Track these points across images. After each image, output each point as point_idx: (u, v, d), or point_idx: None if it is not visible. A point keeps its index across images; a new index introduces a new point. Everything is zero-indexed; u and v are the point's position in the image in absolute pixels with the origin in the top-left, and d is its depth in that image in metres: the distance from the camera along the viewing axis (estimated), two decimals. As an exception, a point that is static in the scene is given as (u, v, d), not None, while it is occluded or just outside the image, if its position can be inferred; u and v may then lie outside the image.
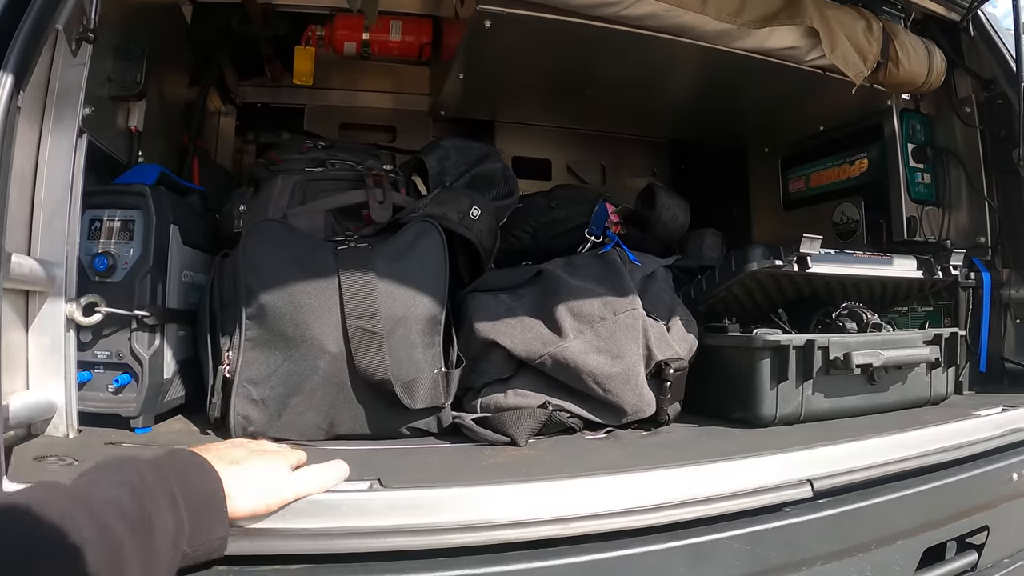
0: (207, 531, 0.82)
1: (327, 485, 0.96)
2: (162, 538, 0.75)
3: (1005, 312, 2.22)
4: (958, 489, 1.42)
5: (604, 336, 1.46)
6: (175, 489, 0.80)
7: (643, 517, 1.04)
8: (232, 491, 0.86)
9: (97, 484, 0.76)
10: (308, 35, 2.39)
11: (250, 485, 0.90)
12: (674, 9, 1.73)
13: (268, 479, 0.93)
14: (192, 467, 0.86)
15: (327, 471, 0.99)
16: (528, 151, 2.95)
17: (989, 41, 2.26)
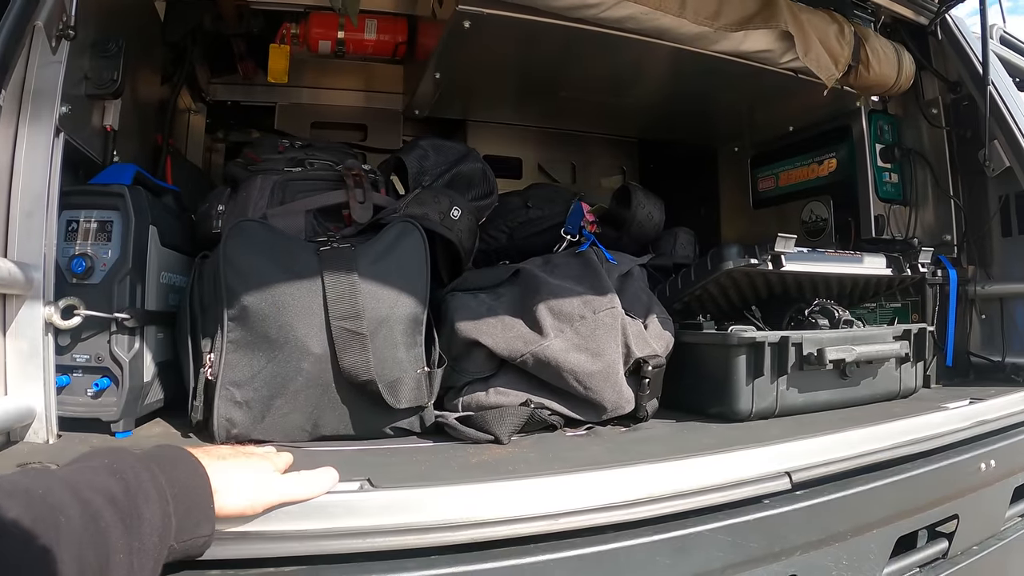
0: (194, 527, 0.81)
1: (315, 492, 0.95)
2: (150, 529, 0.74)
3: (971, 308, 2.29)
4: (928, 480, 1.45)
5: (584, 334, 1.48)
6: (163, 482, 0.79)
7: (627, 512, 1.06)
8: (219, 487, 0.86)
9: (87, 472, 0.75)
10: (283, 33, 2.38)
11: (238, 483, 0.89)
12: (653, 12, 1.75)
13: (256, 479, 0.92)
14: (180, 462, 0.85)
15: (315, 477, 0.97)
16: (500, 150, 2.96)
17: (956, 45, 2.32)
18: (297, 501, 0.93)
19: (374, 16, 2.34)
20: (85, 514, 0.69)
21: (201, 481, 0.85)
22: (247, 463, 0.97)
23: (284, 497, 0.92)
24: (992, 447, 1.62)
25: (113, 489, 0.74)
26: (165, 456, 0.85)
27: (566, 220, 2.03)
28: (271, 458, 1.03)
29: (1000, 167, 2.17)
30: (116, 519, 0.71)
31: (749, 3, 1.89)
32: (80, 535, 0.67)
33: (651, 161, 3.32)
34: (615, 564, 1.01)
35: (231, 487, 0.88)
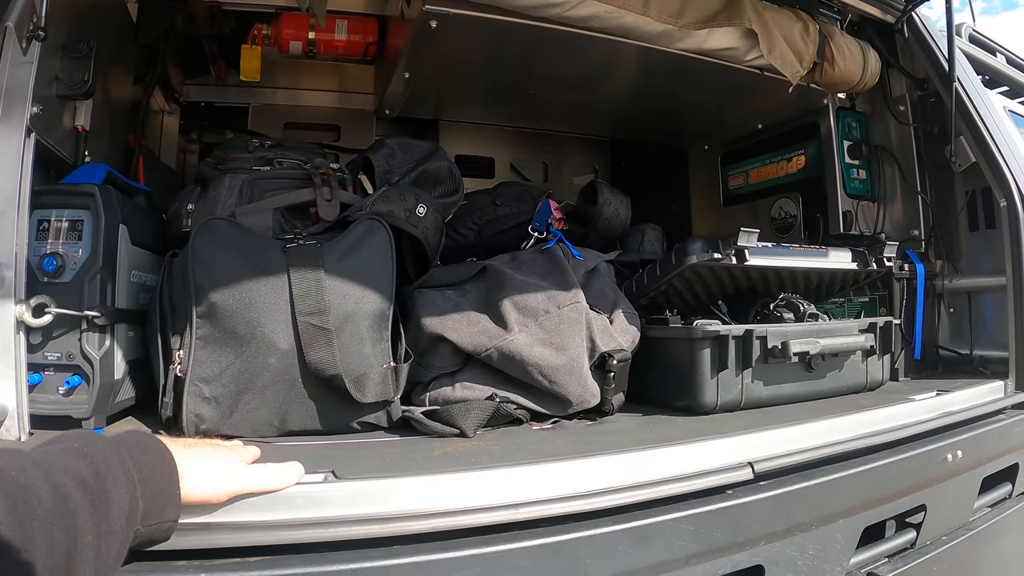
0: (160, 511, 0.82)
1: (280, 484, 0.96)
2: (117, 512, 0.75)
3: (939, 301, 2.31)
4: (894, 470, 1.47)
5: (548, 329, 1.50)
6: (131, 466, 0.80)
7: (589, 501, 1.07)
8: (186, 474, 0.87)
9: (59, 455, 0.76)
10: (254, 34, 2.39)
11: (204, 471, 0.91)
12: (616, 11, 1.77)
13: (222, 468, 0.94)
14: (149, 448, 0.86)
15: (281, 470, 0.98)
16: (472, 149, 2.97)
17: (923, 42, 2.34)
18: (262, 492, 0.95)
19: (344, 16, 2.36)
20: (56, 496, 0.69)
21: (168, 468, 0.85)
22: (214, 453, 0.98)
23: (249, 487, 0.94)
24: (958, 438, 1.65)
25: (83, 472, 0.74)
26: (134, 442, 0.85)
27: (534, 217, 2.05)
28: (238, 450, 1.04)
29: (966, 163, 2.20)
30: (85, 501, 0.72)
31: (712, 1, 1.91)
32: (51, 515, 0.68)
33: (623, 159, 3.35)
34: (576, 553, 1.03)
35: (197, 474, 0.89)
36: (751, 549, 1.20)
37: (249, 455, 1.04)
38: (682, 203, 3.15)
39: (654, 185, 3.17)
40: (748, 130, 2.78)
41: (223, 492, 0.91)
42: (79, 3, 1.51)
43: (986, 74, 2.88)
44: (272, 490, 0.96)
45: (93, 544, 0.71)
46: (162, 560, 0.87)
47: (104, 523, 0.73)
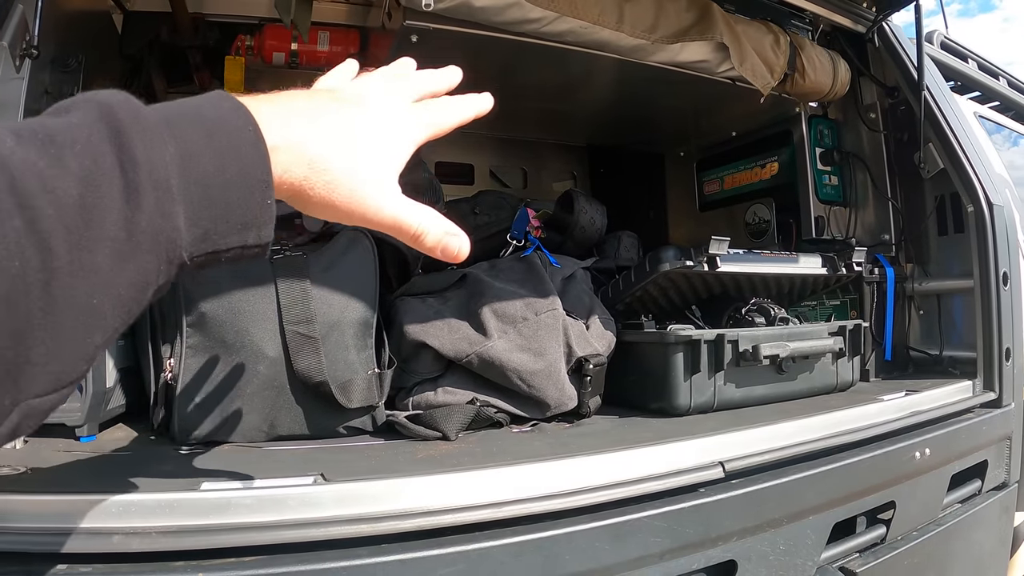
0: (224, 232, 0.54)
1: (434, 232, 0.72)
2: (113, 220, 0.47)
3: (909, 304, 2.36)
4: (863, 468, 1.52)
5: (527, 335, 1.54)
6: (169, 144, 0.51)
7: (566, 500, 1.11)
8: (275, 143, 0.58)
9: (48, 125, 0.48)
10: (237, 45, 2.41)
11: (330, 134, 0.65)
12: (591, 26, 1.81)
13: (364, 151, 0.67)
14: (209, 113, 0.55)
15: (439, 222, 0.73)
16: (452, 156, 3.00)
17: (893, 51, 2.38)
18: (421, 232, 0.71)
19: (326, 28, 2.38)
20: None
21: (238, 142, 0.55)
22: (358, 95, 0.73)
23: (407, 220, 0.70)
24: (926, 436, 1.69)
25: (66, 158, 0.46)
26: (194, 116, 0.55)
27: (512, 226, 2.09)
28: (406, 80, 0.82)
29: (935, 169, 2.24)
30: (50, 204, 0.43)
31: (685, 16, 1.95)
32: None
33: (601, 166, 3.38)
34: (556, 549, 1.06)
35: (305, 135, 0.62)
36: (724, 545, 1.25)
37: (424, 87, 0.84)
38: (659, 208, 3.19)
39: (631, 191, 3.21)
40: (723, 137, 2.83)
41: (379, 212, 0.68)
42: (68, 18, 1.53)
43: (958, 80, 2.95)
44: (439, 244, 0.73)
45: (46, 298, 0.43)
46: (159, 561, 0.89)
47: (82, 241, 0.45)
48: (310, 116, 0.64)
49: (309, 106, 0.66)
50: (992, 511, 1.93)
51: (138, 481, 1.02)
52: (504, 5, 1.71)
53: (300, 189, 0.62)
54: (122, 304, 0.49)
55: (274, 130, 0.58)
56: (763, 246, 2.52)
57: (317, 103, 0.67)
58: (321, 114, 0.65)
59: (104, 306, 0.47)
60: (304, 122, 0.63)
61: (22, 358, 0.43)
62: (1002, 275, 2.07)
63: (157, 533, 0.91)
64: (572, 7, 1.76)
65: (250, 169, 0.55)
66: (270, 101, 0.62)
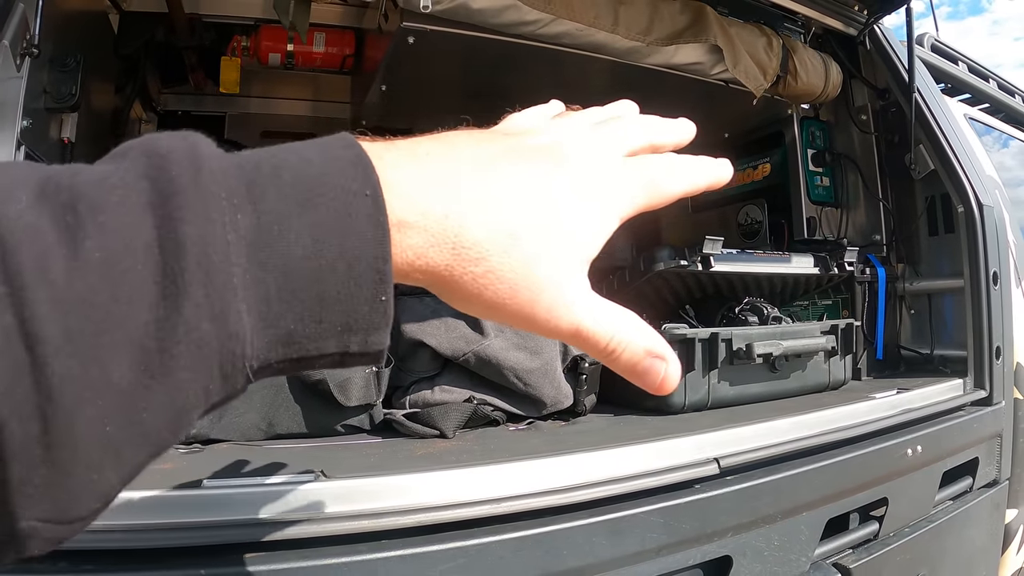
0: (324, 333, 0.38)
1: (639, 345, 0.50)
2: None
3: (900, 303, 2.37)
4: (856, 465, 1.53)
5: (523, 334, 1.54)
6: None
7: (564, 496, 1.12)
8: (410, 219, 0.41)
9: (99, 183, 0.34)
10: (233, 46, 2.42)
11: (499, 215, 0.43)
12: (587, 28, 1.83)
13: (550, 235, 0.45)
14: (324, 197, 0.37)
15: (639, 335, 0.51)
16: (446, 161, 2.98)
17: (884, 53, 2.40)
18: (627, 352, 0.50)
19: (323, 29, 2.39)
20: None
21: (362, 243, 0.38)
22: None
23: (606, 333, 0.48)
24: (918, 433, 1.71)
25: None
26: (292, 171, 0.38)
27: (508, 225, 2.08)
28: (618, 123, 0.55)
29: (925, 170, 2.26)
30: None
31: (679, 19, 1.97)
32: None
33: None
34: (554, 544, 1.08)
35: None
36: (719, 540, 1.26)
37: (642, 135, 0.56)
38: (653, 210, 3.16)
39: (625, 192, 3.20)
40: (716, 139, 2.84)
41: (564, 320, 0.46)
42: (66, 18, 1.54)
43: (948, 82, 2.97)
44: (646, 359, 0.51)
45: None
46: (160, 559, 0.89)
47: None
48: (469, 175, 0.44)
49: (472, 158, 0.46)
50: (983, 508, 1.94)
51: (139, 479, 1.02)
52: (501, 7, 1.72)
53: (440, 279, 0.43)
54: (148, 434, 0.35)
55: (406, 196, 0.41)
56: (755, 247, 2.53)
57: (485, 153, 0.47)
58: (488, 172, 0.45)
59: (120, 436, 0.33)
60: (456, 185, 0.43)
61: (11, 485, 0.30)
62: (992, 275, 2.09)
63: (158, 530, 0.91)
64: (568, 9, 1.78)
65: (359, 253, 0.37)
66: (412, 151, 0.44)
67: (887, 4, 2.37)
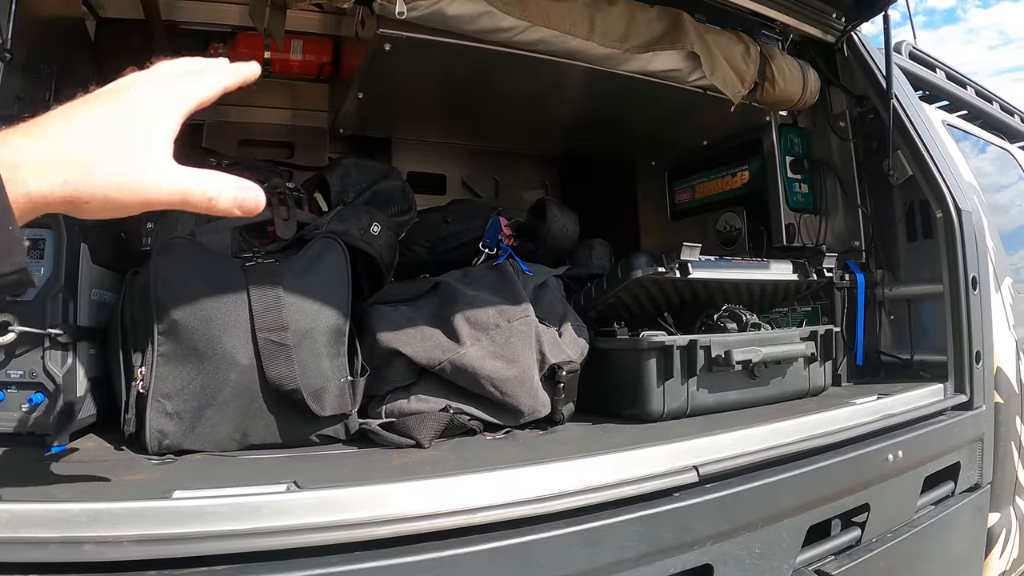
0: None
1: (227, 194, 0.72)
2: None
3: (880, 309, 2.39)
4: (837, 471, 1.53)
5: (499, 342, 1.54)
6: None
7: (542, 505, 1.11)
8: (19, 160, 0.59)
9: None
10: (210, 53, 2.41)
11: (76, 147, 0.64)
12: (563, 36, 1.83)
13: (118, 136, 0.67)
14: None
15: (228, 181, 0.72)
16: (424, 167, 3.00)
17: (861, 60, 2.42)
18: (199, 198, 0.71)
19: (300, 37, 2.40)
20: None
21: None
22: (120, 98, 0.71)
23: (176, 191, 0.69)
24: (898, 439, 1.71)
25: None
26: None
27: (484, 234, 2.10)
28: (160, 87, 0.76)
29: (903, 176, 2.28)
30: None
31: (656, 26, 1.98)
32: None
33: (573, 175, 3.40)
34: (531, 555, 1.07)
35: (55, 155, 0.62)
36: (699, 549, 1.25)
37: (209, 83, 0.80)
38: (631, 217, 3.20)
39: (603, 200, 3.22)
40: (694, 146, 2.85)
41: (148, 190, 0.67)
42: (41, 23, 1.53)
43: (926, 89, 2.99)
44: (237, 199, 0.73)
45: None
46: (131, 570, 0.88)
47: None
48: (64, 120, 0.65)
49: (69, 110, 0.67)
50: (965, 512, 1.95)
51: (109, 490, 1.02)
52: (476, 13, 1.72)
53: (65, 197, 0.61)
54: None
55: (14, 148, 0.59)
56: (734, 254, 2.53)
57: (76, 105, 0.68)
58: (75, 115, 0.66)
59: None
60: (56, 128, 0.63)
61: None
62: (971, 279, 2.11)
63: (129, 542, 0.90)
64: (544, 17, 1.78)
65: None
66: (35, 122, 0.64)
67: (865, 11, 2.39)
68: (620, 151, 3.17)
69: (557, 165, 3.41)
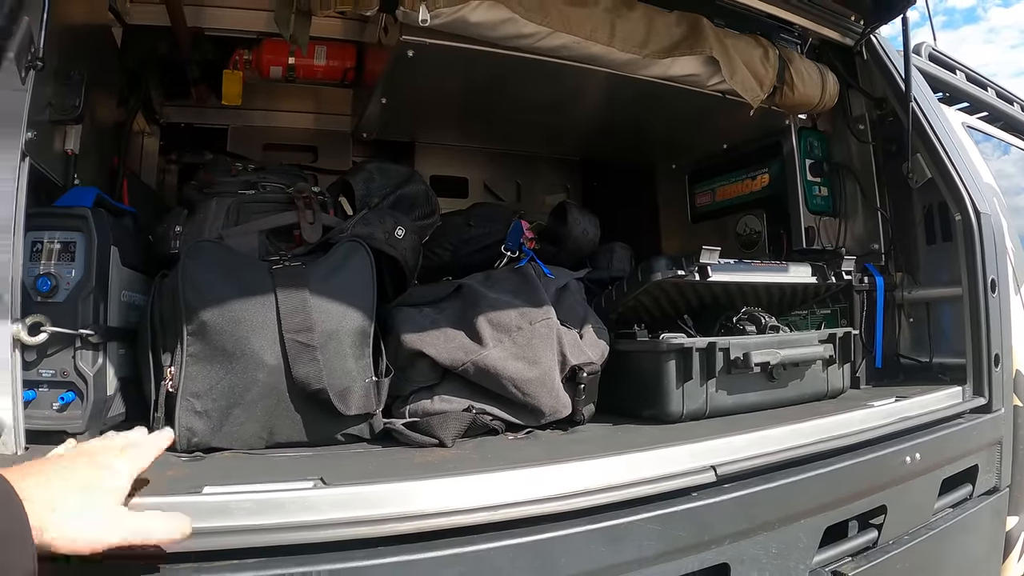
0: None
1: (177, 533, 0.88)
2: None
3: (899, 312, 2.39)
4: (854, 472, 1.54)
5: (521, 344, 1.57)
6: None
7: (562, 503, 1.13)
8: (47, 520, 0.78)
9: None
10: (236, 59, 2.45)
11: (77, 512, 0.83)
12: (584, 42, 1.85)
13: (103, 508, 0.86)
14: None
15: (166, 522, 0.88)
16: (446, 170, 3.02)
17: (880, 63, 2.42)
18: (153, 543, 0.88)
19: (324, 43, 2.42)
20: None
21: (15, 518, 0.75)
22: (91, 478, 0.89)
23: (125, 539, 0.85)
24: (916, 441, 1.72)
25: None
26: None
27: (506, 237, 2.13)
28: (111, 458, 0.94)
29: (922, 179, 2.28)
30: None
31: (675, 31, 1.99)
32: None
33: (594, 179, 3.42)
34: (552, 551, 1.09)
35: (66, 521, 0.81)
36: (716, 548, 1.27)
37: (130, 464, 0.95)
38: (652, 220, 3.22)
39: (624, 203, 3.24)
40: (714, 150, 2.86)
41: (101, 542, 0.82)
42: (70, 31, 1.55)
43: (946, 91, 2.98)
44: (167, 540, 0.88)
45: None
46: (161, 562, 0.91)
47: None
48: (51, 474, 0.85)
49: (56, 466, 0.88)
50: (983, 515, 1.95)
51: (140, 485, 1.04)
52: (499, 20, 1.74)
53: (52, 542, 0.78)
54: None
55: (38, 501, 0.78)
56: (754, 257, 2.53)
57: (54, 463, 0.90)
58: (56, 470, 0.87)
59: None
60: (45, 479, 0.83)
61: None
62: (990, 282, 2.10)
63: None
64: (565, 23, 1.80)
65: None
66: (41, 469, 0.85)
67: (883, 14, 2.39)
68: (641, 154, 3.19)
69: (578, 168, 3.43)
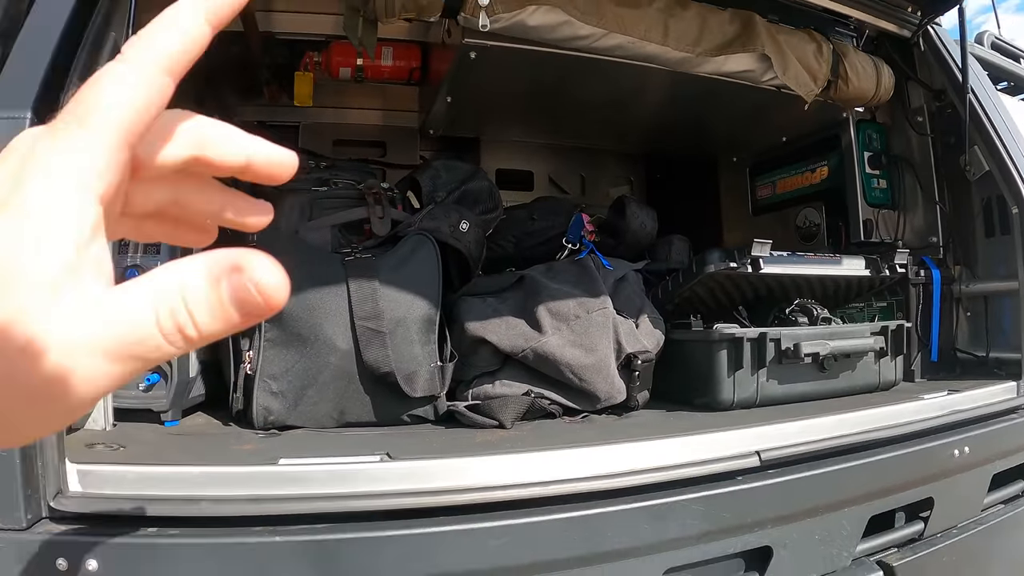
0: None
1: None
2: None
3: (957, 306, 2.37)
4: (900, 463, 1.55)
5: (579, 332, 1.63)
6: None
7: (610, 481, 1.19)
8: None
9: None
10: (306, 61, 2.54)
11: None
12: (638, 41, 1.90)
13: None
14: None
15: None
16: (512, 164, 3.07)
17: (938, 55, 2.39)
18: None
19: (390, 44, 2.50)
20: None
21: None
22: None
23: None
24: (966, 435, 1.71)
25: None
26: None
27: (567, 231, 2.19)
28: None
29: (980, 171, 2.26)
30: None
31: (728, 29, 2.03)
32: None
33: (657, 172, 3.44)
34: (599, 526, 1.15)
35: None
36: (760, 531, 1.31)
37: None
38: (714, 213, 3.23)
39: (687, 196, 3.26)
40: (773, 143, 2.87)
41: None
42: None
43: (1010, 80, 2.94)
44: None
45: None
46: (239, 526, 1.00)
47: None
48: None
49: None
50: (1036, 512, 1.93)
51: (222, 457, 1.14)
52: (556, 23, 1.80)
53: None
54: None
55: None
56: (813, 249, 2.55)
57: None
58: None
59: None
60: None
61: None
62: (1048, 276, 2.08)
63: (238, 500, 1.03)
64: (619, 24, 1.86)
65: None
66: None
67: (940, 5, 2.37)
68: (702, 148, 3.20)
69: (642, 161, 3.45)
